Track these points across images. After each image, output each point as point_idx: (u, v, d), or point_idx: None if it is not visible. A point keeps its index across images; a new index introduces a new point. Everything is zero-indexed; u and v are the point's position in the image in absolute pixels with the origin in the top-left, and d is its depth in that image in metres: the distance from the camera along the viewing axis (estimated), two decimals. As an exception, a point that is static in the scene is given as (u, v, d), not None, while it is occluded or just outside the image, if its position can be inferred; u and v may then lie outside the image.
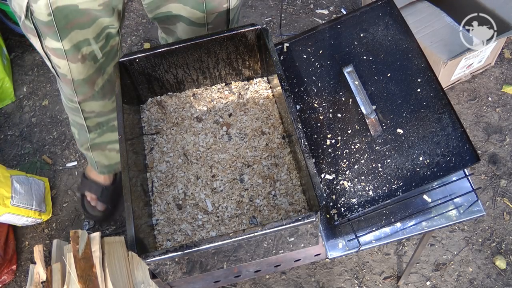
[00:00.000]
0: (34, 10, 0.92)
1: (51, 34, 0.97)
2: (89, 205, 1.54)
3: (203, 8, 1.02)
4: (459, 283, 1.44)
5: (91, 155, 1.38)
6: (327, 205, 0.89)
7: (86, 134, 1.30)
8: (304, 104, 0.98)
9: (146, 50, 0.97)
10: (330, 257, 0.93)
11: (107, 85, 1.17)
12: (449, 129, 0.90)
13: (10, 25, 1.84)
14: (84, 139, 1.33)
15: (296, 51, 1.03)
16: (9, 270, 1.50)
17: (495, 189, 1.58)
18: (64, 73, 1.07)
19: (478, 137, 1.69)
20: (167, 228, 0.91)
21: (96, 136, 1.30)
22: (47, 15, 0.92)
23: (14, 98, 1.90)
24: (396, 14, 1.02)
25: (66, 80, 1.10)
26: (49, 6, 0.91)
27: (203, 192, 0.95)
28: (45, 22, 0.94)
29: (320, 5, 2.10)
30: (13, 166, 1.73)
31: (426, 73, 0.95)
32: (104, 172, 1.48)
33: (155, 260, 0.76)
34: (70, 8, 0.93)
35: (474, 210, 0.96)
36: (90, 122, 1.25)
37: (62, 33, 0.97)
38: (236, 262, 0.85)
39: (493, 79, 1.81)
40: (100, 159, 1.40)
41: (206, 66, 1.03)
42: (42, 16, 0.93)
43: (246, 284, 1.46)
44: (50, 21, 0.94)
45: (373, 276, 1.46)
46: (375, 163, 0.90)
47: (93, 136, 1.30)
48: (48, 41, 0.99)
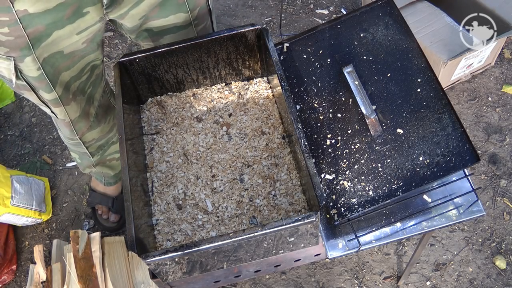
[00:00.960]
0: (22, 69, 0.91)
1: (44, 87, 0.97)
2: (102, 218, 1.56)
3: (186, 8, 1.00)
4: (459, 283, 1.44)
5: (95, 170, 1.40)
6: (327, 205, 0.89)
7: (89, 159, 1.32)
8: (304, 104, 0.98)
9: (146, 50, 0.97)
10: (330, 257, 0.93)
11: (100, 111, 1.19)
12: (449, 129, 0.90)
13: (10, 25, 1.84)
14: (87, 163, 1.35)
15: (296, 51, 1.03)
16: (9, 270, 1.50)
17: (495, 189, 1.58)
18: (62, 118, 1.09)
19: (478, 137, 1.69)
20: (167, 228, 0.91)
21: (99, 157, 1.32)
22: (36, 69, 0.92)
23: (14, 98, 1.90)
24: (396, 14, 1.02)
25: (65, 123, 1.12)
26: (36, 61, 0.90)
27: (203, 192, 0.95)
28: (35, 77, 0.93)
29: (320, 5, 2.10)
30: (13, 166, 1.73)
31: (426, 73, 0.95)
32: (111, 183, 1.49)
33: (155, 260, 0.76)
34: (56, 56, 0.93)
35: (474, 210, 0.96)
36: (91, 148, 1.27)
37: (53, 82, 0.97)
38: (236, 262, 0.85)
39: (493, 79, 1.81)
40: (105, 171, 1.42)
41: (206, 66, 1.03)
42: (32, 72, 0.92)
43: (246, 284, 1.46)
44: (41, 75, 0.93)
45: (373, 276, 1.46)
46: (375, 163, 0.90)
47: (96, 158, 1.32)
48: (41, 93, 0.99)
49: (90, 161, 1.33)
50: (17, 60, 0.89)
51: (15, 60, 0.89)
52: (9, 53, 0.87)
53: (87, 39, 0.95)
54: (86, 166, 1.37)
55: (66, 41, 0.91)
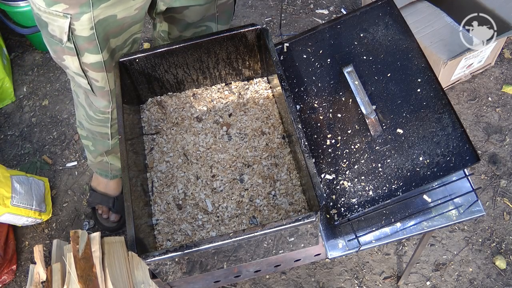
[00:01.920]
0: (75, 28, 0.92)
1: (92, 49, 0.98)
2: (102, 218, 1.56)
3: None
4: (459, 283, 1.44)
5: (105, 160, 1.40)
6: (327, 205, 0.89)
7: (107, 142, 1.31)
8: (304, 104, 0.98)
9: (146, 50, 0.97)
10: (330, 257, 0.93)
11: None
12: (449, 129, 0.90)
13: (10, 25, 1.84)
14: (102, 148, 1.35)
15: (296, 51, 1.03)
16: (9, 270, 1.50)
17: (495, 189, 1.58)
18: (102, 85, 1.08)
19: (478, 137, 1.69)
20: (167, 228, 0.91)
21: (115, 141, 1.32)
22: (90, 29, 0.93)
23: (14, 98, 1.90)
24: (396, 14, 1.02)
25: (103, 92, 1.11)
26: (92, 20, 0.91)
27: (203, 192, 0.95)
28: (86, 37, 0.95)
29: (320, 5, 2.10)
30: (13, 166, 1.73)
31: (426, 73, 0.95)
32: (117, 175, 1.50)
33: (155, 260, 0.76)
34: (109, 20, 0.94)
35: (474, 210, 0.96)
36: (113, 129, 1.27)
37: (102, 45, 0.98)
38: (236, 262, 0.85)
39: (493, 79, 1.81)
40: (114, 161, 1.42)
41: (206, 66, 1.03)
42: (84, 32, 0.94)
43: (246, 284, 1.46)
44: (92, 35, 0.95)
45: (373, 276, 1.46)
46: (375, 163, 0.90)
47: (113, 141, 1.32)
48: (86, 57, 0.99)
49: (106, 146, 1.33)
50: (73, 18, 0.90)
51: (72, 18, 0.90)
52: (67, 10, 0.89)
53: (140, 6, 0.96)
54: (99, 154, 1.37)
55: (123, 5, 0.93)
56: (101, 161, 1.43)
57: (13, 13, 1.81)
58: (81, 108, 1.24)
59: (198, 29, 1.16)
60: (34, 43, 2.00)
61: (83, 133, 1.35)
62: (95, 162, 1.44)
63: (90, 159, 1.45)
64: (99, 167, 1.47)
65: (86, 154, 1.48)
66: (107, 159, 1.40)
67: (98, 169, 1.48)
